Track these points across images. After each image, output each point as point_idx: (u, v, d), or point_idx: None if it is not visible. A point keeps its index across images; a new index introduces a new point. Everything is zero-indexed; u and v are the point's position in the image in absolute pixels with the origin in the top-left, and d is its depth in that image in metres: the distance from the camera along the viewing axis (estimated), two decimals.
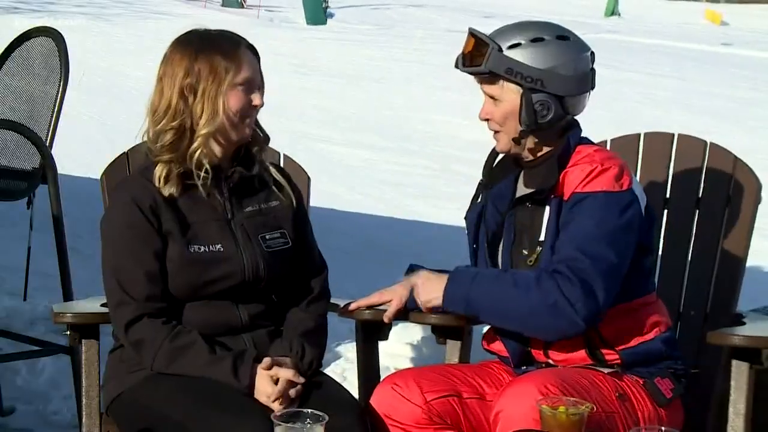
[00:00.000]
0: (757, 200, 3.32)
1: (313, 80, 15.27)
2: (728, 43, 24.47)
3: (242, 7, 27.34)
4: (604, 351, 2.92)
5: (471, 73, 2.96)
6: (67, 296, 4.19)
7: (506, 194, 3.05)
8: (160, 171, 2.92)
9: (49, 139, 4.31)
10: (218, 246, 2.92)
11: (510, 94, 2.94)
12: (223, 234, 2.94)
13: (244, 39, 2.98)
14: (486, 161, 3.13)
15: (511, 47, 2.91)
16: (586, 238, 2.82)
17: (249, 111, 2.94)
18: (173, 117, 2.91)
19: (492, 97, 2.97)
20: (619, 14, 31.83)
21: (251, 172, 3.01)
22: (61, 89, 4.37)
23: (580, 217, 2.85)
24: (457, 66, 3.00)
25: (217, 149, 2.96)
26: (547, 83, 2.92)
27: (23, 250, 4.43)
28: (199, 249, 2.91)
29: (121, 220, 2.93)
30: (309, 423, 2.48)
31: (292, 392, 2.81)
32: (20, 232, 4.54)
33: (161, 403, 2.82)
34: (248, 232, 2.97)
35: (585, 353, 2.91)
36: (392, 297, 3.09)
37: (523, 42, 2.92)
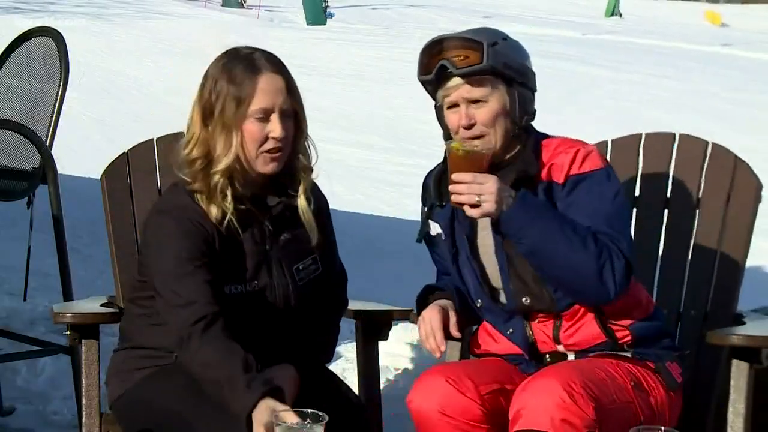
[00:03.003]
0: (757, 200, 3.32)
1: (313, 80, 15.26)
2: (728, 44, 24.46)
3: (242, 7, 27.34)
4: (614, 327, 2.91)
5: (467, 74, 2.90)
6: (67, 296, 4.19)
7: None
8: (203, 203, 2.83)
9: (49, 139, 4.32)
10: (254, 283, 2.85)
11: (497, 91, 2.92)
12: (259, 268, 2.86)
13: (270, 62, 2.83)
14: (429, 182, 3.05)
15: (493, 45, 2.90)
16: (609, 215, 2.87)
17: (268, 143, 2.81)
18: (197, 146, 2.83)
19: (474, 101, 2.92)
20: (620, 15, 31.82)
21: (293, 203, 2.91)
22: (61, 89, 4.37)
23: (590, 195, 2.88)
24: (435, 72, 2.91)
25: (250, 181, 2.85)
26: (528, 77, 2.97)
27: (23, 250, 4.43)
28: (236, 289, 2.83)
29: (176, 230, 2.80)
30: (309, 423, 2.48)
31: None
32: (20, 232, 4.55)
33: (168, 400, 2.80)
34: (283, 265, 2.90)
35: (598, 328, 2.90)
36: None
37: (498, 41, 2.92)
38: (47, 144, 4.28)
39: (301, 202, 2.91)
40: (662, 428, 2.40)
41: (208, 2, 27.03)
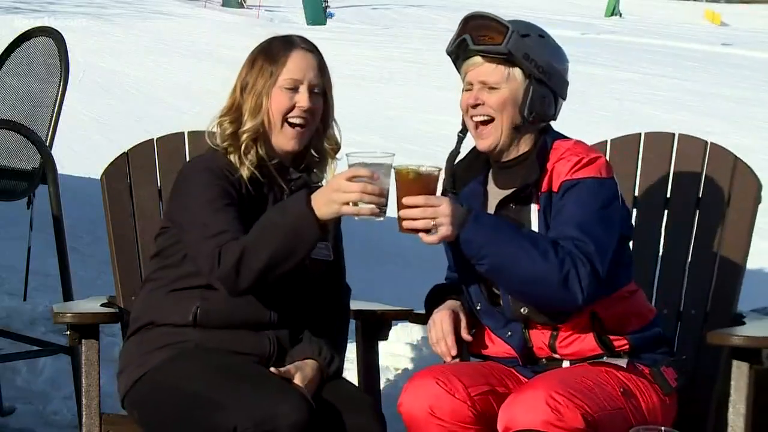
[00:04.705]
0: (757, 200, 3.32)
1: None
2: (728, 44, 24.45)
3: (242, 7, 27.35)
4: (612, 337, 2.90)
5: (483, 52, 2.89)
6: (67, 296, 4.19)
7: (478, 196, 3.01)
8: (233, 158, 2.96)
9: (49, 139, 4.32)
10: None
11: (513, 82, 2.91)
12: None
13: (305, 42, 3.01)
14: (446, 168, 3.02)
15: (523, 36, 2.89)
16: (584, 219, 2.80)
17: (292, 113, 2.94)
18: (234, 111, 2.98)
19: (488, 85, 2.90)
20: (620, 14, 31.81)
21: (313, 181, 3.02)
22: (61, 89, 4.38)
23: (574, 201, 2.83)
24: (459, 45, 2.93)
25: (276, 151, 2.98)
26: (552, 78, 2.93)
27: (23, 250, 4.43)
28: None
29: (209, 174, 2.93)
30: (380, 160, 2.66)
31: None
32: (20, 232, 4.54)
33: (194, 382, 2.80)
34: None
35: (595, 342, 2.89)
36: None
37: (531, 34, 2.91)
38: (47, 144, 4.28)
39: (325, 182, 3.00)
40: (662, 428, 2.40)
41: (208, 2, 27.03)
